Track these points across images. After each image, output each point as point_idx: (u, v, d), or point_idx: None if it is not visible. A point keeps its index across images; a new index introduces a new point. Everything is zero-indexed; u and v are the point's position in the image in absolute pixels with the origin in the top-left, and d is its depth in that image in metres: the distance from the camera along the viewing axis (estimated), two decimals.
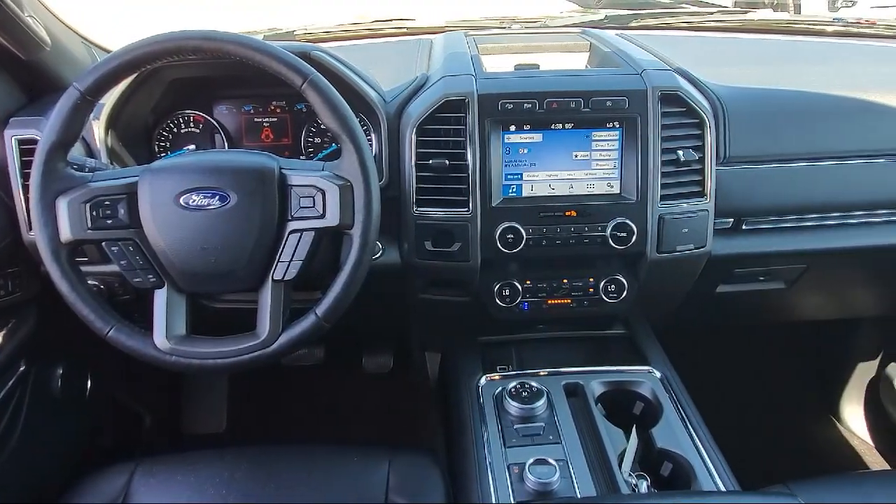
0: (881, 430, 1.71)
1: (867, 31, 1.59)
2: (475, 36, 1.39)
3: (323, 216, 0.88)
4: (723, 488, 0.91)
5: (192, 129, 1.21)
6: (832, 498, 0.87)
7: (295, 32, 1.55)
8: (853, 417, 1.78)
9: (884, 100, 1.17)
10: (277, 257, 0.88)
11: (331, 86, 0.88)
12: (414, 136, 1.06)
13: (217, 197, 0.87)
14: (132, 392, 1.62)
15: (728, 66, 1.26)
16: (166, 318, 0.89)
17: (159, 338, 0.88)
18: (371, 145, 1.10)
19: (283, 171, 0.89)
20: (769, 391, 1.87)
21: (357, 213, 0.87)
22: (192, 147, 1.20)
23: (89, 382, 1.42)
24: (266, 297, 0.89)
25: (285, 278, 0.89)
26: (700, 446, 0.97)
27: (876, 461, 1.69)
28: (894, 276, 1.41)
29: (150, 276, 0.89)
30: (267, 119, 1.21)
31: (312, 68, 0.88)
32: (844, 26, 1.62)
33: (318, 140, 1.21)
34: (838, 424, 1.81)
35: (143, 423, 1.65)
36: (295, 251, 0.88)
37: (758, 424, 1.70)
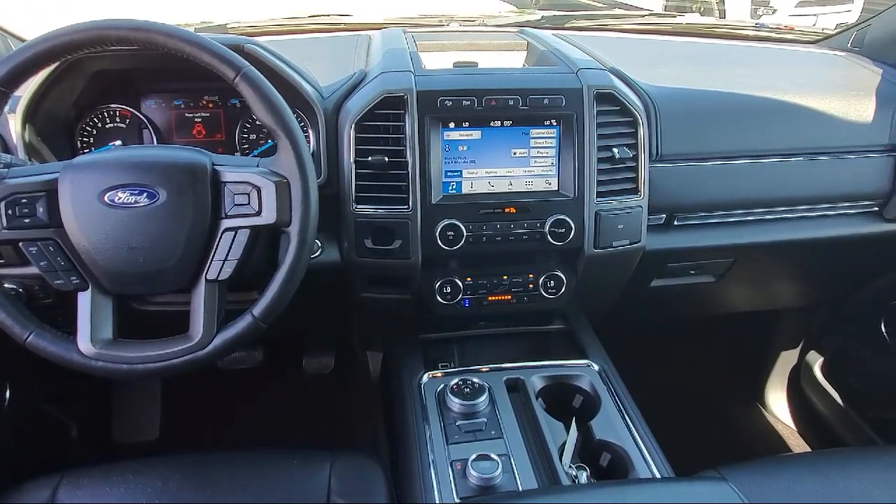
0: (802, 415, 1.81)
1: (786, 36, 1.67)
2: (413, 33, 1.38)
3: (259, 214, 0.85)
4: (658, 476, 0.94)
5: (118, 125, 1.15)
6: (759, 480, 0.91)
7: (228, 26, 1.50)
8: (777, 404, 1.88)
9: (801, 101, 1.23)
10: (211, 256, 0.86)
11: (265, 80, 0.86)
12: (352, 133, 1.04)
13: (145, 194, 0.83)
14: (57, 401, 1.54)
15: (658, 67, 1.30)
16: (91, 322, 0.85)
17: (84, 343, 0.84)
18: (308, 142, 1.08)
19: (216, 167, 0.86)
20: (701, 381, 1.95)
21: (294, 211, 0.85)
22: (118, 143, 1.15)
23: (8, 392, 1.34)
24: (199, 298, 0.86)
25: (219, 278, 0.86)
26: (636, 436, 1.00)
27: (798, 444, 1.79)
28: (812, 269, 1.49)
29: (73, 278, 0.85)
30: (199, 114, 1.17)
31: (246, 62, 0.85)
32: (765, 31, 1.70)
33: (253, 136, 1.18)
34: (764, 411, 1.90)
35: (69, 434, 1.57)
36: (229, 250, 0.85)
37: (691, 413, 1.76)
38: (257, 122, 1.16)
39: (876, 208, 1.30)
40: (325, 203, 0.93)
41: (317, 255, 1.10)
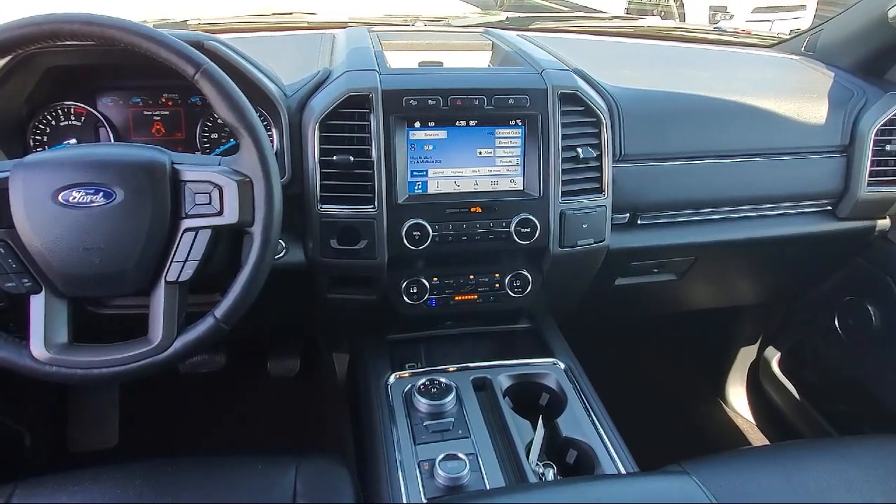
0: (761, 409, 1.86)
1: (743, 40, 1.72)
2: (378, 32, 1.37)
3: (220, 213, 0.83)
4: (623, 471, 0.95)
5: (73, 122, 1.12)
6: (720, 473, 0.93)
7: (188, 22, 1.47)
8: (737, 398, 1.92)
9: (759, 103, 1.27)
10: (171, 257, 0.83)
11: (227, 77, 0.84)
12: (317, 132, 1.03)
13: (101, 194, 0.80)
14: (9, 409, 1.48)
15: (621, 69, 1.31)
16: (45, 326, 0.82)
17: (37, 347, 0.81)
18: (272, 141, 1.07)
19: (176, 165, 0.84)
20: (664, 377, 1.98)
21: (258, 210, 0.84)
22: (73, 141, 1.11)
23: None
24: (159, 300, 0.84)
25: (180, 279, 0.84)
26: (602, 433, 1.01)
27: (757, 437, 1.83)
28: (769, 267, 1.53)
29: (25, 281, 0.82)
30: (158, 112, 1.14)
31: (206, 58, 0.84)
32: (723, 35, 1.75)
33: (214, 135, 1.16)
34: (724, 405, 1.95)
35: (23, 443, 1.51)
36: (190, 251, 0.83)
37: (654, 409, 1.79)
38: (218, 121, 1.14)
39: (829, 207, 1.35)
40: (289, 203, 0.92)
41: (281, 255, 1.08)
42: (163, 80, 1.08)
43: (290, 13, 1.57)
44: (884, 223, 1.38)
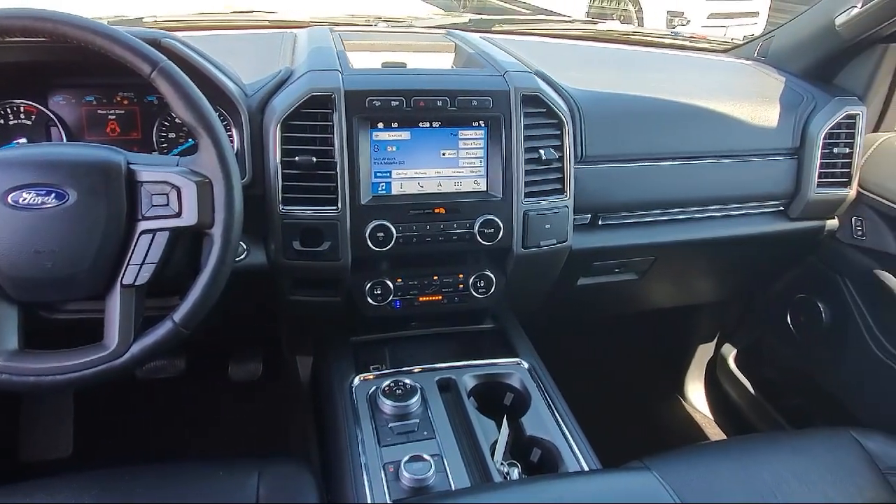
0: (719, 404, 1.91)
1: (699, 44, 1.76)
2: (341, 32, 1.36)
3: (179, 215, 0.82)
4: (586, 468, 0.96)
5: (23, 121, 1.08)
6: (680, 468, 0.95)
7: (144, 20, 1.44)
8: (696, 394, 1.97)
9: (715, 107, 1.30)
10: (127, 260, 0.81)
11: (184, 75, 0.82)
12: (278, 132, 1.02)
13: (53, 195, 0.78)
14: None
15: (581, 72, 1.33)
16: None
17: None
18: (232, 141, 1.05)
19: (132, 166, 0.82)
20: (626, 375, 2.01)
21: (217, 212, 0.82)
22: (23, 141, 1.07)
23: None
24: (114, 304, 0.82)
25: (136, 283, 0.82)
26: (565, 431, 1.02)
27: (715, 432, 1.88)
28: (726, 266, 1.57)
29: None
30: (113, 111, 1.11)
31: (163, 56, 0.82)
32: (680, 40, 1.79)
33: (172, 135, 1.13)
34: (684, 402, 1.99)
35: None
36: (147, 253, 0.81)
37: (617, 406, 1.82)
38: (176, 120, 1.11)
39: (781, 208, 1.39)
40: (250, 204, 0.90)
41: (242, 257, 1.06)
42: (118, 79, 1.05)
43: (251, 11, 1.55)
44: (833, 223, 1.43)
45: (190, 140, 1.13)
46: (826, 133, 1.32)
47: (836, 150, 1.34)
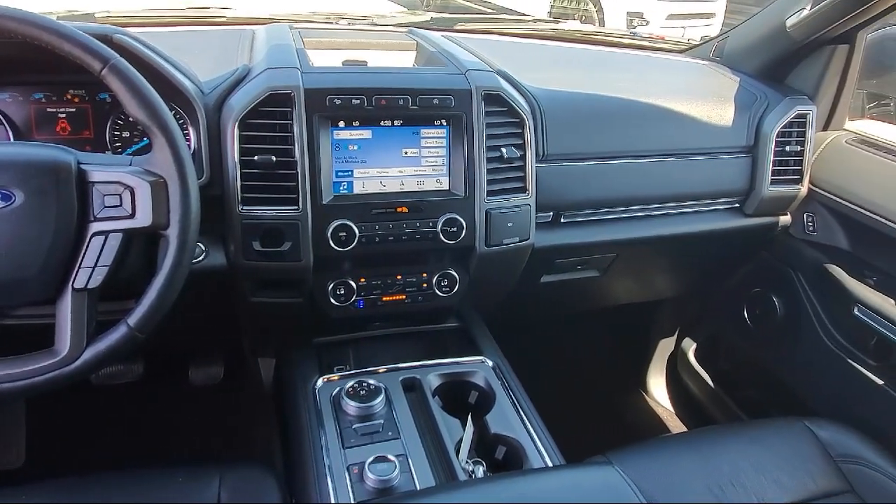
0: (679, 397, 1.94)
1: (657, 45, 1.79)
2: (300, 29, 1.35)
3: (132, 216, 0.80)
4: (550, 464, 0.97)
5: None
6: (641, 461, 0.97)
7: (96, 15, 1.39)
8: (657, 388, 2.01)
9: (673, 106, 1.32)
10: (78, 263, 0.79)
11: (136, 72, 0.80)
12: (236, 131, 1.00)
13: None
14: None
15: (542, 71, 1.34)
16: None
17: None
18: (188, 140, 1.03)
19: (83, 166, 0.79)
20: (588, 371, 2.04)
21: (173, 212, 0.80)
22: None
23: None
24: (65, 309, 0.79)
25: (89, 286, 0.79)
26: (530, 428, 1.03)
27: (676, 425, 1.92)
28: (684, 262, 1.61)
29: None
30: (63, 109, 1.07)
31: (114, 53, 0.80)
32: (639, 40, 1.81)
33: (126, 134, 1.10)
34: (645, 396, 2.03)
35: None
36: (100, 256, 0.79)
37: (580, 402, 1.84)
38: (130, 119, 1.08)
39: (737, 204, 1.42)
40: (208, 204, 0.89)
41: (200, 259, 1.04)
42: (68, 76, 1.01)
43: (207, 8, 1.51)
44: (786, 219, 1.47)
45: (144, 139, 1.10)
46: (778, 132, 1.36)
47: (788, 148, 1.38)
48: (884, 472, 1.02)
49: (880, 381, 1.29)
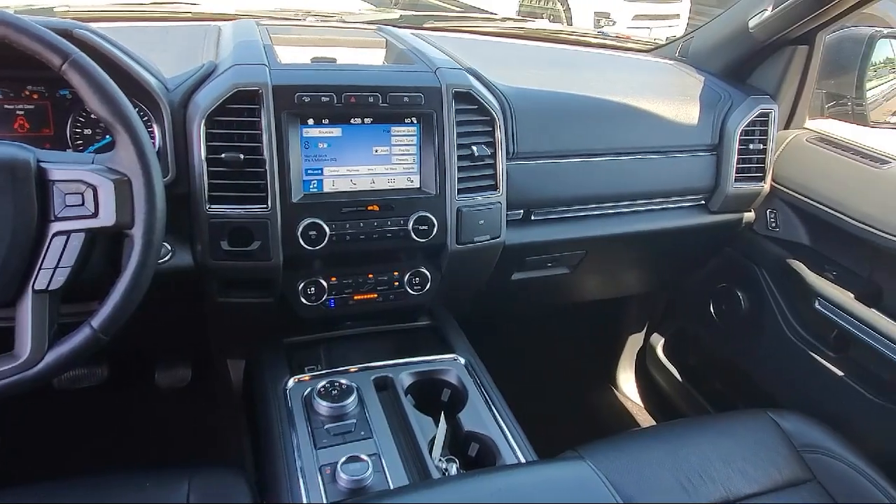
0: (648, 391, 1.98)
1: (624, 44, 1.81)
2: (268, 26, 1.33)
3: (95, 215, 0.77)
4: (523, 460, 0.98)
5: None
6: (612, 455, 0.98)
7: (55, 9, 1.35)
8: (627, 383, 2.04)
9: (640, 104, 1.34)
10: (39, 264, 0.77)
11: (98, 68, 0.78)
12: (203, 129, 0.98)
13: None
14: None
15: (512, 69, 1.35)
16: None
17: None
18: (153, 137, 1.01)
19: (42, 164, 0.77)
20: (560, 367, 2.06)
21: (137, 211, 0.79)
22: None
23: None
24: (25, 311, 0.77)
25: (50, 288, 0.77)
26: (502, 425, 1.04)
27: (646, 419, 1.95)
28: (652, 258, 1.63)
29: None
30: (21, 106, 1.04)
31: (75, 48, 0.77)
32: (607, 39, 1.84)
33: (88, 131, 1.07)
34: (616, 391, 2.05)
35: None
36: (61, 256, 0.77)
37: (552, 398, 1.86)
38: (92, 116, 1.06)
39: (703, 202, 1.45)
40: (174, 203, 0.87)
41: (166, 259, 1.02)
42: (27, 72, 0.99)
43: (172, 3, 1.48)
44: (749, 216, 1.50)
45: (107, 137, 1.07)
46: (742, 130, 1.39)
47: (751, 146, 1.41)
48: (844, 461, 1.05)
49: (840, 373, 1.33)
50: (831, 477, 1.03)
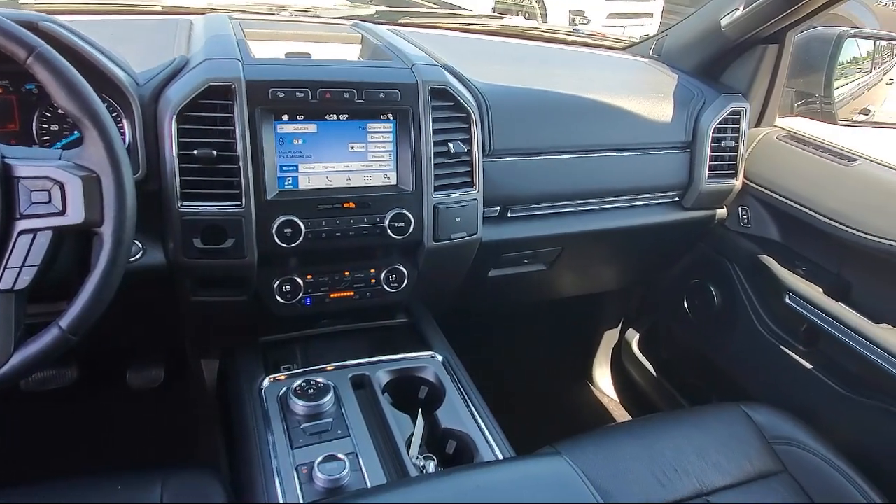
0: (623, 387, 2.00)
1: (599, 42, 1.82)
2: (241, 20, 1.31)
3: (63, 213, 0.75)
4: (501, 457, 0.98)
5: None
6: (588, 451, 0.99)
7: (21, 1, 1.32)
8: (603, 379, 2.06)
9: (615, 102, 1.35)
10: (4, 263, 0.74)
11: (65, 62, 0.76)
12: (174, 124, 0.96)
13: None
14: None
15: (488, 66, 1.35)
16: None
17: None
18: (123, 133, 0.98)
19: (7, 160, 0.75)
20: (537, 363, 2.07)
21: (107, 209, 0.77)
22: None
23: None
24: None
25: (15, 287, 0.75)
26: (480, 422, 1.04)
27: (622, 414, 1.97)
28: (627, 255, 1.65)
29: None
30: None
31: (41, 40, 0.75)
32: (582, 37, 1.85)
33: (55, 126, 1.04)
34: (592, 386, 2.07)
35: None
36: (27, 255, 0.75)
37: (529, 394, 1.87)
38: (59, 111, 1.03)
39: (676, 198, 1.47)
40: (145, 200, 0.85)
41: (137, 257, 1.00)
42: None
43: None
44: (722, 212, 1.52)
45: (75, 132, 1.04)
46: (715, 128, 1.40)
47: (723, 143, 1.43)
48: (813, 452, 1.07)
49: (810, 366, 1.36)
50: (801, 468, 1.05)
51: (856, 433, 1.25)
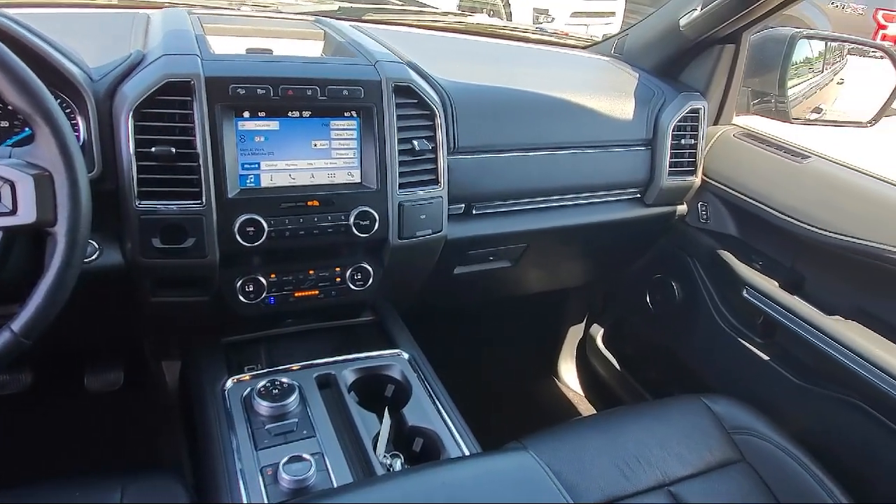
0: (588, 381, 2.03)
1: (562, 41, 1.84)
2: (200, 15, 1.28)
3: (14, 212, 0.73)
4: (467, 453, 0.98)
5: None
6: (554, 445, 1.00)
7: None
8: (568, 374, 2.08)
9: (578, 100, 1.37)
10: None
11: (14, 56, 0.73)
12: (131, 121, 0.94)
13: None
14: None
15: (451, 63, 1.35)
16: None
17: None
18: (77, 130, 0.96)
19: None
20: (503, 359, 2.08)
21: (60, 208, 0.75)
22: None
23: None
24: None
25: None
26: (446, 419, 1.04)
27: (587, 408, 2.00)
28: (591, 251, 1.67)
29: None
30: None
31: None
32: (545, 36, 1.86)
33: (5, 124, 1.00)
34: (557, 381, 2.10)
35: None
36: None
37: (495, 390, 1.88)
38: (9, 108, 0.99)
39: (638, 195, 1.49)
40: (100, 199, 0.83)
41: (93, 258, 0.97)
42: None
43: None
44: (682, 208, 1.56)
45: (26, 129, 1.01)
46: (674, 126, 1.43)
47: (683, 141, 1.45)
48: (770, 441, 1.11)
49: (766, 358, 1.40)
50: (759, 456, 1.09)
51: (810, 422, 1.29)
